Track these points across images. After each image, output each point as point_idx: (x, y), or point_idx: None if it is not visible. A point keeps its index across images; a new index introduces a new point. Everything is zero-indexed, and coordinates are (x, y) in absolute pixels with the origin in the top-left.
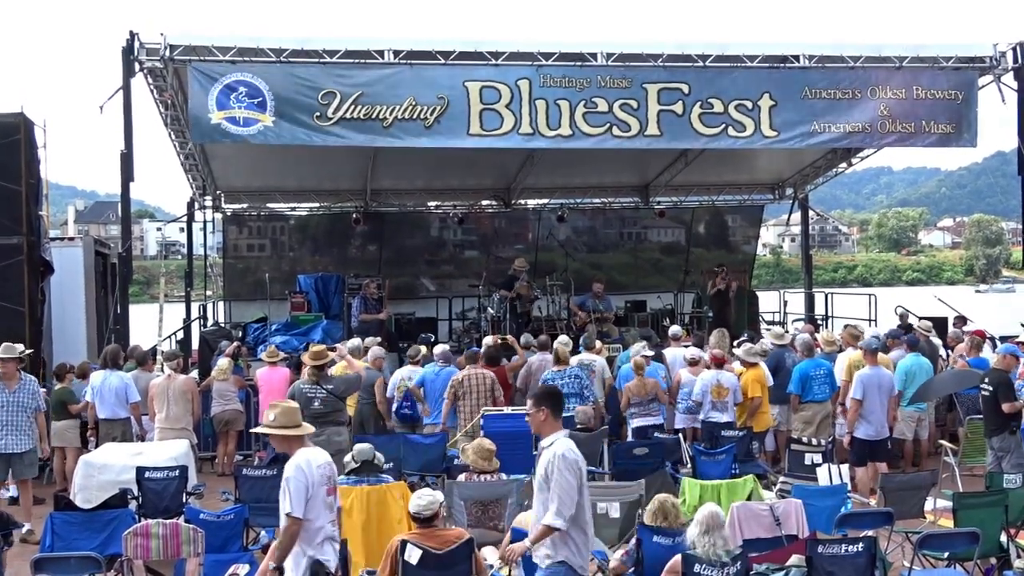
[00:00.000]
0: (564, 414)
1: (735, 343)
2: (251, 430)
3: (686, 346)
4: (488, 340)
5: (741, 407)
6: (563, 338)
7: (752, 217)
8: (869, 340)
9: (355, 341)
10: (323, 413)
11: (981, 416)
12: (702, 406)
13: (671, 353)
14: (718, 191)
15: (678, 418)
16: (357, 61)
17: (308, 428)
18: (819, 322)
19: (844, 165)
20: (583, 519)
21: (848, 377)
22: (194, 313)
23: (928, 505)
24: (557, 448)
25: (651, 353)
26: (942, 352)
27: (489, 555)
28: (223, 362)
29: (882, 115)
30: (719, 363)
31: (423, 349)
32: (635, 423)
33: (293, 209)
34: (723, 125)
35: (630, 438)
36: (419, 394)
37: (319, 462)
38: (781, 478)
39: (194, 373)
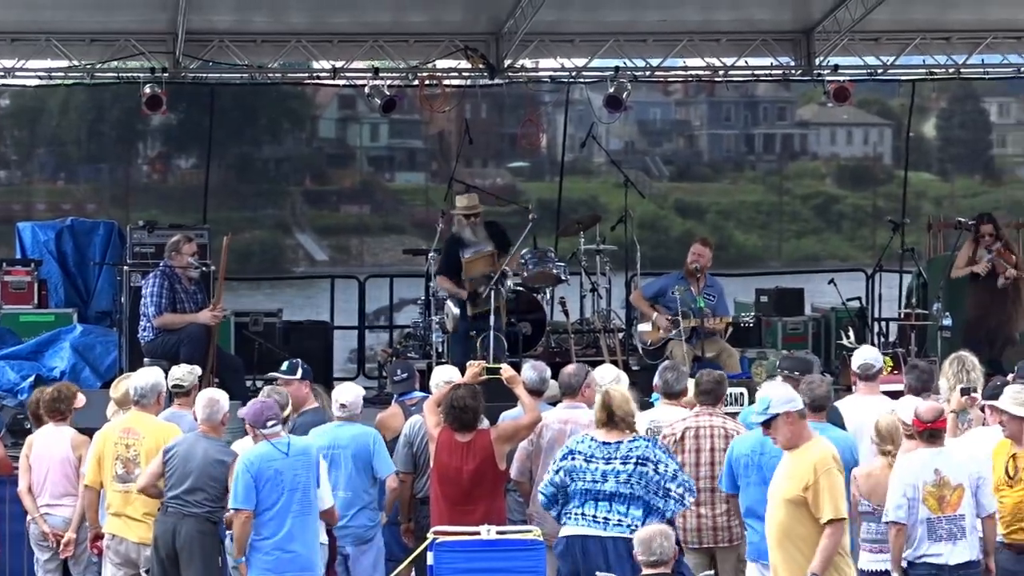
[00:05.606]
0: (610, 532)
1: (991, 385)
2: None
3: (891, 394)
4: (442, 374)
5: (995, 523)
6: (607, 372)
7: None
8: None
9: (144, 377)
10: None
11: None
12: (913, 529)
13: (858, 408)
14: (970, 44)
15: (864, 553)
16: None
17: None
18: None
19: None
20: None
21: None
22: None
23: None
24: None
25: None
26: None
27: None
28: None
29: None
30: (934, 431)
31: (285, 393)
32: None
33: (6, 75)
34: None
35: None
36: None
37: None
38: None
39: None
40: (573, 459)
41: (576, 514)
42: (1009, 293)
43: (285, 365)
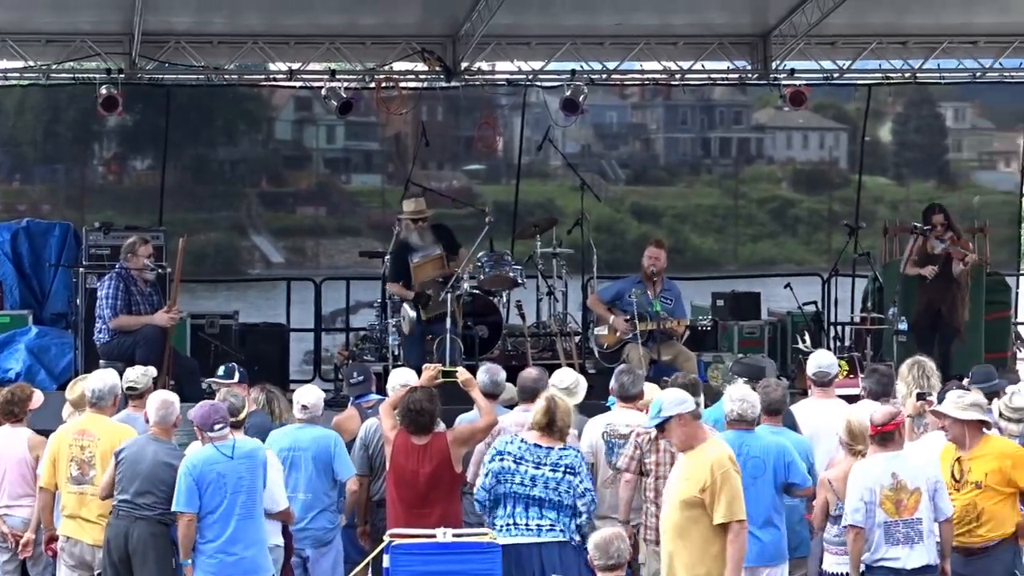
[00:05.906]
0: (544, 538)
1: (945, 389)
2: None
3: (848, 398)
4: (398, 377)
5: (952, 527)
6: (565, 376)
7: (1006, 111)
8: None
9: (100, 379)
10: None
11: None
12: (871, 533)
13: (813, 412)
14: (926, 48)
15: (828, 555)
16: None
17: None
18: None
19: None
20: None
21: None
22: None
23: None
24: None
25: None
26: None
27: None
28: None
29: None
30: (885, 434)
31: (242, 396)
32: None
33: None
34: None
35: None
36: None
37: None
38: None
39: None
40: (502, 460)
41: (508, 524)
42: (960, 283)
43: (222, 369)
